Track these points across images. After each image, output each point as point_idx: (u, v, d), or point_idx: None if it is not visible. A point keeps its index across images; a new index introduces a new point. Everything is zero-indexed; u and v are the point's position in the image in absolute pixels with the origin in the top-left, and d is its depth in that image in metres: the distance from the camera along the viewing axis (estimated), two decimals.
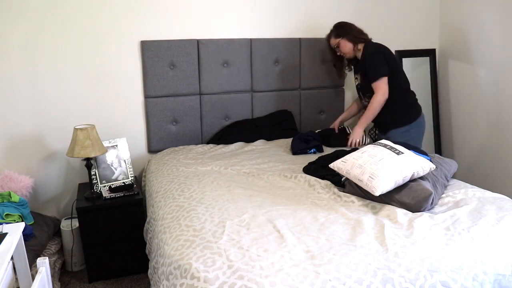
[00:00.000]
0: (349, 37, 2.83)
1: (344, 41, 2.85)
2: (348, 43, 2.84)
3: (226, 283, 1.36)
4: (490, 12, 3.14)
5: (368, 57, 2.76)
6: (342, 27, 2.87)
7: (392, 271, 1.42)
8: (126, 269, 2.69)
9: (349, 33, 2.83)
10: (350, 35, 2.83)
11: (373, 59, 2.74)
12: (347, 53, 2.89)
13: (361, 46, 2.83)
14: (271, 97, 3.31)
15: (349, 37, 2.83)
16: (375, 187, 1.88)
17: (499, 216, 1.78)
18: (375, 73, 2.73)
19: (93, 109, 2.94)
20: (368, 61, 2.75)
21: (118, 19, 2.88)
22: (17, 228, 1.67)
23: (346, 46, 2.86)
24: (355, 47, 2.85)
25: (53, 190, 2.97)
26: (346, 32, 2.84)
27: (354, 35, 2.83)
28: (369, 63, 2.75)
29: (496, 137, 3.19)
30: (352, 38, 2.83)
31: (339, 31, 2.86)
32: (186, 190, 2.19)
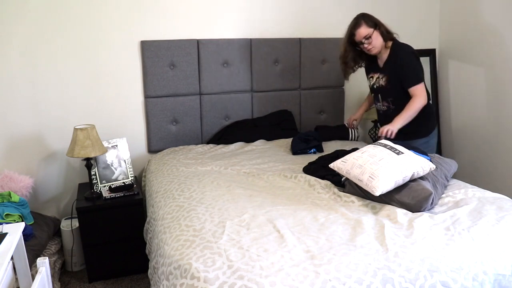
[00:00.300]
0: (382, 30, 2.52)
1: (376, 34, 2.50)
2: (379, 37, 2.51)
3: (226, 283, 1.36)
4: (490, 12, 3.14)
5: (407, 59, 2.49)
6: (373, 18, 2.53)
7: (392, 271, 1.42)
8: (126, 269, 2.69)
9: (383, 25, 2.53)
10: (384, 28, 2.53)
11: (413, 62, 2.49)
12: (375, 48, 2.53)
13: (389, 44, 2.56)
14: (271, 97, 3.31)
15: (382, 30, 2.52)
16: (375, 187, 1.88)
17: (499, 216, 1.78)
18: (416, 76, 2.48)
19: (93, 109, 2.94)
20: (407, 63, 2.48)
21: (118, 19, 2.88)
22: (17, 228, 1.67)
23: (378, 39, 2.51)
24: (385, 44, 2.56)
25: (53, 190, 2.97)
26: (380, 24, 2.52)
27: (387, 30, 2.54)
28: (409, 66, 2.48)
29: (496, 137, 3.19)
30: (383, 33, 2.52)
31: (374, 20, 2.52)
32: (186, 190, 2.19)
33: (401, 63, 2.50)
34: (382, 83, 2.60)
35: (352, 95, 3.58)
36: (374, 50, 2.55)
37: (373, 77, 2.68)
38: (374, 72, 2.67)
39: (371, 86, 2.72)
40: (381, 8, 3.50)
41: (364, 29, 2.50)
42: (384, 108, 2.67)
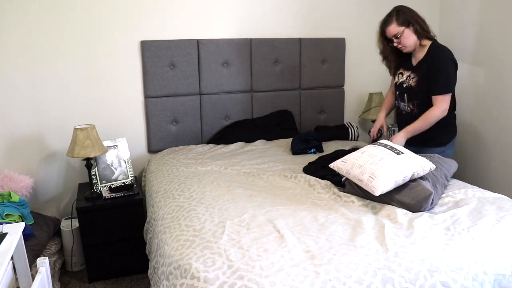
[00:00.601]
0: (416, 28, 2.32)
1: (408, 32, 2.33)
2: (412, 35, 2.34)
3: (226, 283, 1.36)
4: (490, 12, 3.14)
5: (443, 64, 2.32)
6: (408, 13, 2.34)
7: (392, 271, 1.42)
8: (126, 269, 2.69)
9: (417, 22, 2.33)
10: (418, 25, 2.32)
11: (449, 69, 2.32)
12: (407, 47, 2.38)
13: (425, 43, 2.38)
14: (271, 97, 3.31)
15: (415, 28, 2.32)
16: (375, 187, 1.88)
17: (499, 216, 1.78)
18: (445, 86, 2.31)
19: (93, 109, 2.94)
20: (443, 69, 2.31)
21: (118, 19, 2.88)
22: (17, 228, 1.67)
23: (410, 38, 2.34)
24: (420, 42, 2.38)
25: (53, 190, 2.97)
26: (414, 21, 2.32)
27: (421, 27, 2.34)
28: (443, 72, 2.31)
29: (496, 137, 3.19)
30: (419, 30, 2.33)
31: (406, 16, 2.32)
32: (186, 190, 2.19)
33: (436, 66, 2.33)
34: (411, 83, 2.44)
35: (352, 95, 3.58)
36: (405, 49, 2.40)
37: (403, 74, 2.51)
38: (405, 69, 2.50)
39: (398, 83, 2.54)
40: (381, 8, 3.49)
41: (393, 28, 2.35)
42: (407, 110, 2.53)
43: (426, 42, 2.39)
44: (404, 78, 2.50)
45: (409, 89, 2.47)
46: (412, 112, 2.51)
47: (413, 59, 2.48)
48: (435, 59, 2.35)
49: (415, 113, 2.47)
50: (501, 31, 3.06)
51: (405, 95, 2.51)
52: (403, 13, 2.35)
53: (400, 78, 2.54)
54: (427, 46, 2.40)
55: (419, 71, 2.42)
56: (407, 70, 2.49)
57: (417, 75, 2.42)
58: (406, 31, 2.34)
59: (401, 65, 2.54)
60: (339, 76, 3.45)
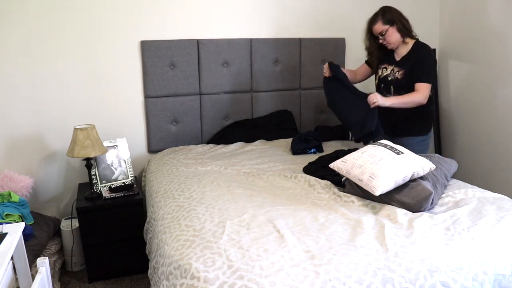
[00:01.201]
0: (400, 26, 2.51)
1: (392, 30, 2.51)
2: (396, 33, 2.52)
3: (226, 283, 1.36)
4: (490, 12, 3.14)
5: (427, 57, 2.53)
6: (393, 13, 2.53)
7: (392, 271, 1.42)
8: (126, 269, 2.69)
9: (400, 21, 2.51)
10: (401, 24, 2.51)
11: (432, 63, 2.56)
12: (391, 44, 2.56)
13: (409, 41, 2.57)
14: (271, 97, 3.31)
15: (399, 26, 2.51)
16: (375, 187, 1.88)
17: (499, 216, 1.78)
18: (428, 76, 2.50)
19: (93, 109, 2.94)
20: (426, 60, 2.52)
21: (118, 19, 2.88)
22: (17, 228, 1.67)
23: (394, 35, 2.52)
24: (403, 40, 2.55)
25: (53, 190, 2.97)
26: (397, 20, 2.51)
27: (404, 26, 2.52)
28: (425, 63, 2.51)
29: (496, 137, 3.19)
30: (403, 29, 2.52)
31: (389, 16, 2.51)
32: (186, 190, 2.19)
33: (421, 59, 2.51)
34: (398, 76, 2.58)
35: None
36: (389, 45, 2.58)
37: (387, 68, 2.65)
38: (389, 63, 2.65)
39: (383, 76, 2.67)
40: None
41: (379, 26, 2.53)
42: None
43: (408, 40, 2.58)
44: (388, 71, 2.65)
45: (395, 81, 2.62)
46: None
47: (395, 55, 2.64)
48: (420, 53, 2.54)
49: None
50: (500, 31, 3.06)
51: (391, 87, 2.64)
52: (388, 13, 2.53)
53: (384, 71, 2.68)
54: (410, 43, 2.58)
55: (404, 66, 2.57)
56: (391, 65, 2.65)
57: (403, 68, 2.57)
58: (391, 29, 2.52)
59: (385, 60, 2.69)
60: None
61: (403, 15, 2.57)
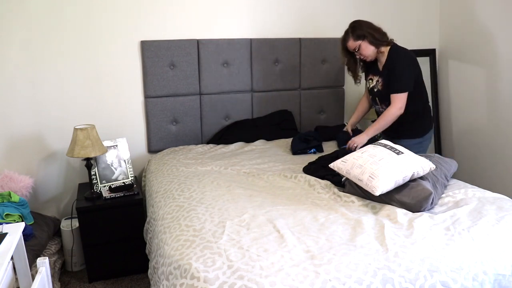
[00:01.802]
0: (371, 39, 2.51)
1: (365, 44, 2.53)
2: (369, 46, 2.53)
3: (226, 283, 1.36)
4: (490, 12, 3.14)
5: (399, 67, 2.51)
6: (362, 27, 2.53)
7: (392, 271, 1.42)
8: (126, 269, 2.69)
9: (370, 34, 2.51)
10: (371, 37, 2.51)
11: (402, 70, 2.50)
12: (368, 57, 2.58)
13: (384, 49, 2.56)
14: (271, 97, 3.31)
15: (370, 39, 2.51)
16: (375, 187, 1.88)
17: (499, 216, 1.78)
18: (399, 85, 2.50)
19: (93, 109, 2.94)
20: (398, 70, 2.50)
21: (118, 19, 2.88)
22: (17, 228, 1.67)
23: (367, 49, 2.54)
24: (378, 50, 2.56)
25: (53, 190, 2.97)
26: (367, 33, 2.51)
27: (375, 37, 2.52)
28: (397, 73, 2.50)
29: (496, 137, 3.19)
30: (374, 41, 2.52)
31: (359, 32, 2.52)
32: (186, 190, 2.19)
33: (392, 68, 2.53)
34: (379, 87, 2.63)
35: (352, 95, 3.58)
36: (367, 58, 2.61)
37: (373, 79, 2.69)
38: (374, 74, 2.68)
39: (370, 88, 2.72)
40: (381, 8, 3.50)
41: (351, 43, 2.57)
42: (383, 111, 2.66)
43: (384, 48, 2.56)
44: (374, 83, 2.68)
45: (379, 92, 2.64)
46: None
47: (379, 64, 2.65)
48: (391, 61, 2.54)
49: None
50: (500, 31, 3.06)
51: (377, 99, 2.68)
52: (357, 29, 2.54)
53: (371, 83, 2.71)
54: (386, 51, 2.57)
55: (383, 75, 2.60)
56: (376, 75, 2.66)
57: (383, 79, 2.60)
58: (363, 43, 2.54)
59: (369, 71, 2.72)
60: (339, 76, 3.45)
61: (373, 26, 2.56)
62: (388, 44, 2.57)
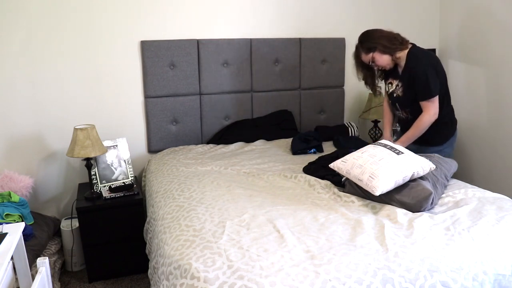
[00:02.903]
0: (381, 49, 2.40)
1: (377, 54, 2.42)
2: (383, 56, 2.42)
3: (226, 283, 1.36)
4: (490, 12, 3.14)
5: (421, 72, 2.36)
6: (370, 38, 2.43)
7: (392, 271, 1.42)
8: (126, 269, 2.69)
9: (380, 43, 2.40)
10: (382, 46, 2.40)
11: (426, 75, 2.34)
12: (385, 66, 2.47)
13: (400, 54, 2.43)
14: (271, 97, 3.31)
15: (381, 49, 2.41)
16: (375, 187, 1.88)
17: (499, 216, 1.78)
18: (428, 92, 2.35)
19: (93, 109, 2.94)
20: (421, 76, 2.35)
21: (118, 19, 2.88)
22: (17, 228, 1.67)
23: (382, 59, 2.43)
24: (393, 57, 2.44)
25: (53, 190, 2.97)
26: (376, 43, 2.40)
27: (385, 45, 2.40)
28: (421, 80, 2.35)
29: (496, 137, 3.19)
30: (385, 49, 2.40)
31: (369, 44, 2.43)
32: (186, 190, 2.19)
33: (415, 74, 2.39)
34: (399, 93, 2.51)
35: (352, 95, 3.58)
36: (385, 68, 2.50)
37: (392, 83, 2.57)
38: (394, 78, 2.55)
39: (389, 92, 2.60)
40: (381, 8, 3.50)
41: (364, 57, 2.48)
42: (403, 117, 2.60)
43: (401, 53, 2.44)
44: (393, 87, 2.57)
45: (398, 98, 2.54)
46: (407, 118, 2.57)
47: (399, 68, 2.53)
48: (412, 67, 2.40)
49: (410, 119, 2.52)
50: (500, 31, 3.06)
51: (397, 104, 2.57)
52: (366, 41, 2.45)
53: (390, 87, 2.60)
54: (404, 55, 2.44)
55: (403, 80, 2.48)
56: (396, 79, 2.55)
57: (403, 84, 2.48)
58: (375, 54, 2.43)
59: (389, 75, 2.59)
60: (339, 76, 3.45)
61: (383, 33, 2.44)
62: (403, 48, 2.43)
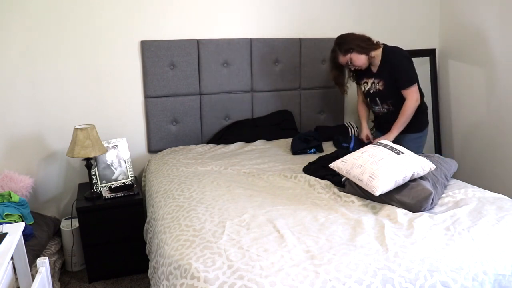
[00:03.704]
0: (359, 50, 2.61)
1: (355, 55, 2.62)
2: (360, 56, 2.62)
3: (226, 283, 1.36)
4: (490, 12, 3.14)
5: (399, 63, 2.59)
6: (346, 41, 2.63)
7: (392, 271, 1.42)
8: (126, 269, 2.69)
9: (356, 45, 2.60)
10: (359, 47, 2.60)
11: (404, 65, 2.60)
12: (362, 65, 2.67)
13: (375, 53, 2.64)
14: (271, 97, 3.31)
15: (358, 50, 2.61)
16: (375, 187, 1.88)
17: (499, 216, 1.78)
18: (409, 79, 2.59)
19: (93, 109, 2.94)
20: (400, 67, 2.59)
21: (118, 19, 2.88)
22: (17, 228, 1.67)
23: (359, 59, 2.63)
24: (369, 56, 2.64)
25: (53, 190, 2.97)
26: (354, 45, 2.60)
27: (362, 46, 2.61)
28: (401, 69, 2.59)
29: (496, 137, 3.19)
30: (362, 50, 2.61)
31: (346, 46, 2.62)
32: (186, 190, 2.19)
33: (393, 66, 2.60)
34: (379, 88, 2.69)
35: (352, 95, 3.57)
36: (361, 67, 2.68)
37: (368, 82, 2.76)
38: (368, 77, 2.75)
39: (366, 91, 2.79)
40: (381, 8, 3.50)
41: (342, 59, 2.67)
42: (384, 111, 2.75)
43: (374, 53, 2.65)
44: (369, 85, 2.75)
45: (379, 93, 2.71)
46: (388, 111, 2.74)
47: (372, 67, 2.72)
48: (391, 61, 2.61)
49: (392, 111, 2.72)
50: (500, 31, 3.06)
51: (377, 99, 2.74)
52: (343, 44, 2.64)
53: (366, 86, 2.78)
54: (378, 53, 2.65)
55: (382, 75, 2.66)
56: (370, 78, 2.74)
57: (381, 79, 2.67)
58: (353, 55, 2.63)
59: (362, 76, 2.79)
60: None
61: (356, 35, 2.64)
62: (376, 48, 2.65)
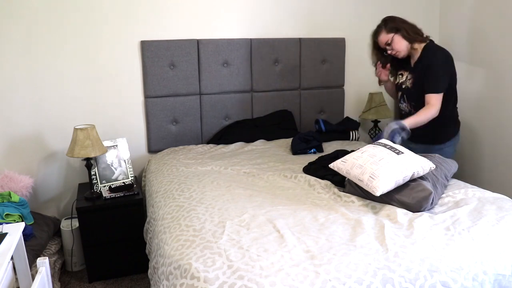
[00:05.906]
0: (404, 34, 2.44)
1: (398, 37, 2.45)
2: (402, 40, 2.45)
3: (226, 283, 1.36)
4: (490, 12, 3.13)
5: (434, 66, 2.40)
6: (395, 21, 2.47)
7: (392, 271, 1.42)
8: (126, 269, 2.69)
9: (404, 28, 2.44)
10: (405, 31, 2.44)
11: (439, 69, 2.40)
12: (400, 52, 2.48)
13: (418, 46, 2.48)
14: (271, 97, 3.31)
15: (403, 34, 2.44)
16: (376, 187, 1.88)
17: (499, 216, 1.78)
18: (436, 85, 2.39)
19: (93, 109, 2.94)
20: (433, 69, 2.40)
21: (118, 19, 2.88)
22: (17, 228, 1.67)
23: (400, 43, 2.45)
24: (412, 45, 2.47)
25: (53, 190, 2.97)
26: (401, 27, 2.44)
27: (409, 32, 2.45)
28: (433, 72, 2.40)
29: (496, 137, 3.19)
30: (407, 35, 2.44)
31: (393, 24, 2.45)
32: (186, 190, 2.19)
33: (428, 66, 2.42)
34: (408, 85, 2.55)
35: (352, 95, 3.58)
36: (399, 54, 2.50)
37: (403, 75, 2.60)
38: (405, 70, 2.59)
39: (399, 84, 2.63)
40: (381, 8, 3.50)
41: (383, 36, 2.48)
42: (407, 110, 2.61)
43: (418, 45, 2.48)
44: (403, 78, 2.61)
45: (407, 90, 2.58)
46: (410, 113, 2.58)
47: (411, 61, 2.57)
48: (427, 59, 2.45)
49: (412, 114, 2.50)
50: (500, 31, 3.06)
51: (405, 96, 2.61)
52: (390, 22, 2.48)
53: (400, 78, 2.64)
54: (420, 48, 2.49)
55: (415, 72, 2.51)
56: (406, 71, 2.59)
57: (413, 76, 2.52)
58: (396, 37, 2.46)
59: (401, 66, 2.63)
60: (339, 76, 3.45)
61: (407, 21, 2.49)
62: (422, 41, 2.47)
